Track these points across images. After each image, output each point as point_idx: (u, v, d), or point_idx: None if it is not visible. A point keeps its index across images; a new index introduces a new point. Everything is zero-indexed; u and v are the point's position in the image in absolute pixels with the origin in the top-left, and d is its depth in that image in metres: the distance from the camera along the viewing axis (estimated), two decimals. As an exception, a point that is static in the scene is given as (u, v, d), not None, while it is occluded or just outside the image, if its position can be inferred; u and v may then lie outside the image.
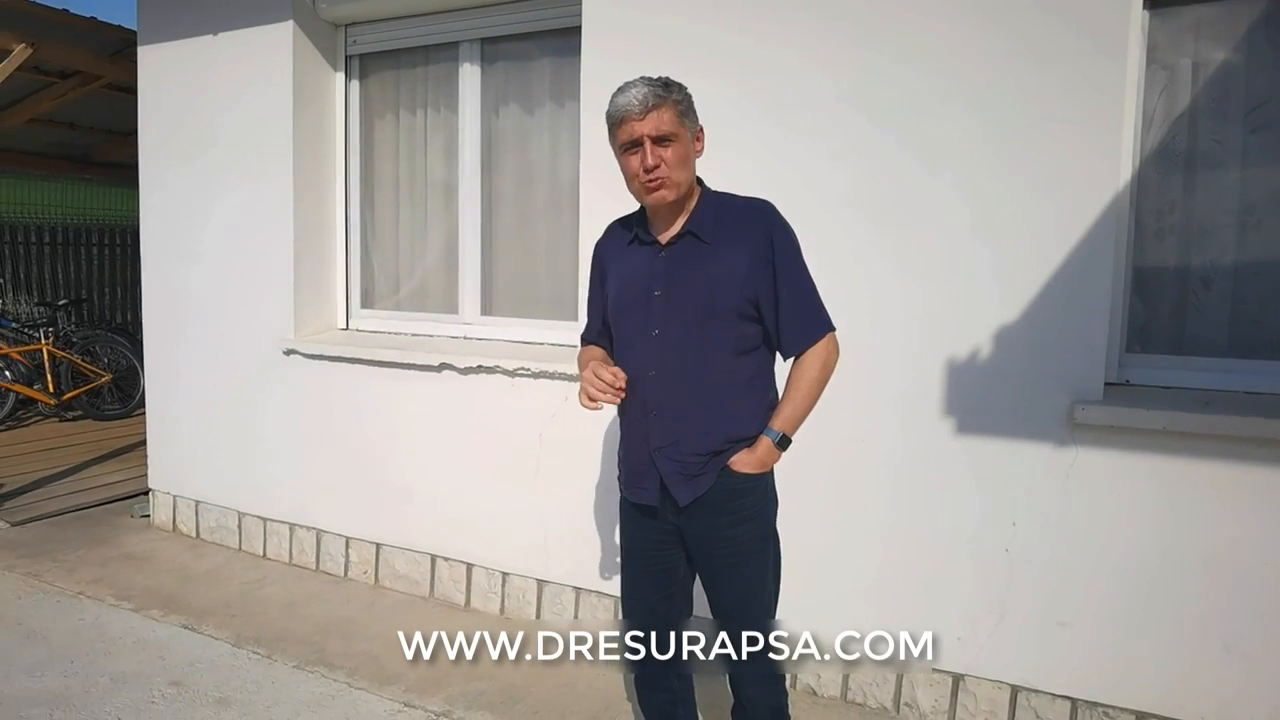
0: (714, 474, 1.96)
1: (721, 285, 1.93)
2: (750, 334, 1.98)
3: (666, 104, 1.90)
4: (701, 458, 1.96)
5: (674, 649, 2.15)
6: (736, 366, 1.97)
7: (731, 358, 1.96)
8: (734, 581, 2.02)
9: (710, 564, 2.04)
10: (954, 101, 2.66)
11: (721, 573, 2.03)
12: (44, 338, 7.16)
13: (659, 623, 2.14)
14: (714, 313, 1.93)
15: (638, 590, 2.16)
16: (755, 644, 2.03)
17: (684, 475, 1.98)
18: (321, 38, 4.09)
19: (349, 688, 3.04)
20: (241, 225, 4.23)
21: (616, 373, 1.94)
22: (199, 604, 3.73)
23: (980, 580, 2.71)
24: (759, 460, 1.96)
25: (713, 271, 1.94)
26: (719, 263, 1.94)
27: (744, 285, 1.93)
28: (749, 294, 1.94)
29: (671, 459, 1.98)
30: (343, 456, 4.02)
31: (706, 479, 1.96)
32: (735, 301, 1.93)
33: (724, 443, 1.96)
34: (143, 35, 4.44)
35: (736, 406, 1.97)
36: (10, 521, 4.74)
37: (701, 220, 1.98)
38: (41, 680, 3.00)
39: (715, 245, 1.95)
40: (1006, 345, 2.63)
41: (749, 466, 1.95)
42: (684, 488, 1.98)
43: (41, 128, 6.99)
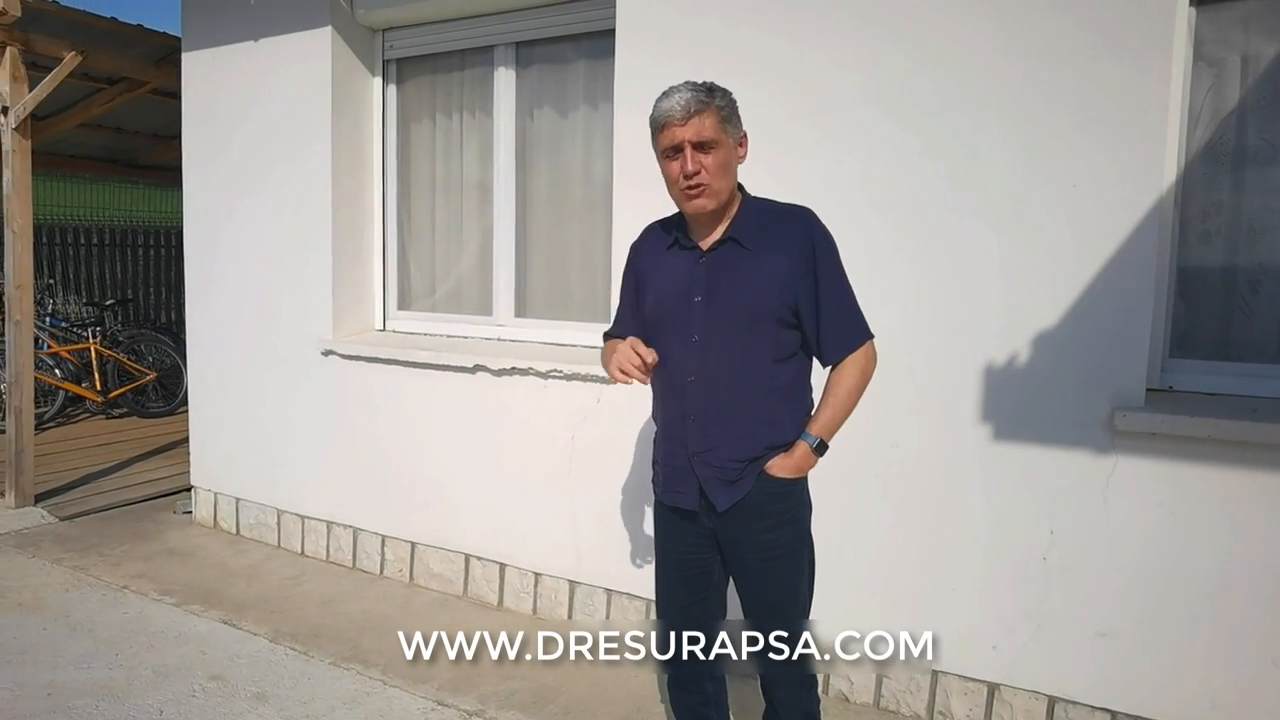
0: (752, 479, 1.96)
1: (763, 292, 1.93)
2: (789, 340, 1.97)
3: (709, 110, 1.89)
4: (740, 464, 1.97)
5: (707, 651, 2.15)
6: (776, 373, 1.97)
7: (771, 364, 1.96)
8: (769, 585, 2.03)
9: (746, 567, 2.03)
10: (989, 103, 2.62)
11: (756, 576, 2.03)
12: (92, 337, 7.34)
13: (692, 625, 2.14)
14: (755, 319, 1.93)
15: (672, 593, 2.17)
16: (788, 647, 2.02)
17: (722, 480, 1.98)
18: (359, 43, 4.15)
19: (384, 685, 3.08)
20: (281, 227, 4.30)
21: (652, 356, 1.92)
22: (238, 599, 3.80)
23: (1017, 588, 2.67)
24: (795, 465, 1.96)
25: (754, 278, 1.94)
26: (760, 269, 1.94)
27: (784, 292, 1.92)
28: (789, 300, 1.93)
29: (710, 464, 1.98)
30: (379, 456, 4.07)
31: (745, 484, 1.97)
32: (776, 308, 1.93)
33: (763, 449, 1.97)
34: (186, 42, 4.54)
35: (775, 413, 1.98)
36: (59, 516, 4.87)
37: (743, 226, 1.98)
38: (89, 671, 3.08)
39: (757, 252, 1.95)
40: (1045, 351, 2.59)
41: (786, 471, 1.95)
42: (722, 493, 1.98)
43: (91, 132, 7.18)
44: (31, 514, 4.90)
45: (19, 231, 4.84)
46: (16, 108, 4.70)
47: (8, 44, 4.61)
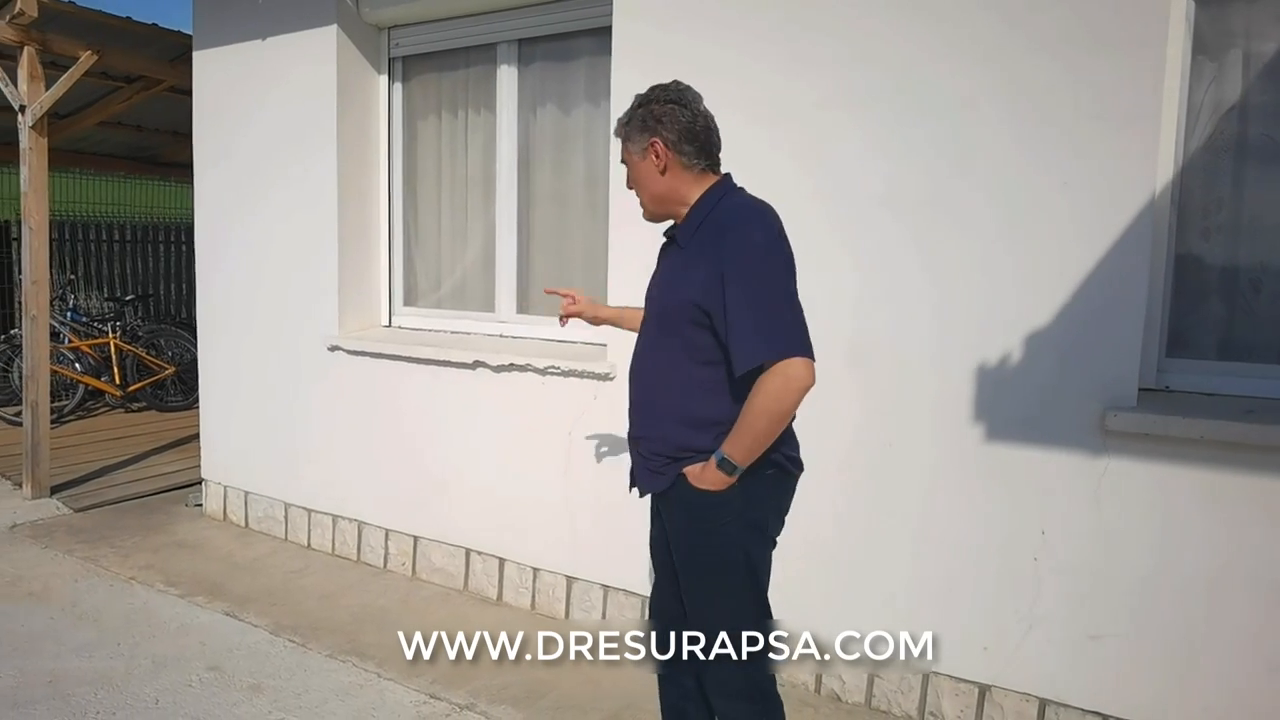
0: (671, 477, 1.99)
1: (678, 293, 1.96)
2: (708, 345, 1.91)
3: (621, 132, 2.05)
4: (659, 458, 2.02)
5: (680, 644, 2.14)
6: (696, 375, 1.94)
7: (690, 365, 1.95)
8: (694, 591, 2.04)
9: (678, 566, 2.07)
10: (985, 96, 2.60)
11: (684, 578, 2.05)
12: (111, 332, 7.46)
13: (665, 619, 2.16)
14: (667, 318, 1.99)
15: (654, 586, 2.24)
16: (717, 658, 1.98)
17: (647, 470, 2.07)
18: (365, 41, 4.18)
19: (378, 677, 3.11)
20: (289, 224, 4.35)
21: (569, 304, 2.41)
22: (242, 592, 3.85)
23: (1007, 589, 2.64)
24: (702, 478, 1.90)
25: (675, 278, 2.00)
26: (684, 270, 1.96)
27: (699, 296, 1.88)
28: (702, 305, 1.88)
29: (639, 451, 2.09)
30: (383, 451, 4.11)
31: (665, 479, 2.00)
32: (686, 309, 1.91)
33: (679, 450, 1.97)
34: (197, 40, 4.60)
35: (692, 415, 1.95)
36: (74, 508, 4.97)
37: (685, 227, 2.02)
38: (90, 660, 3.13)
39: (688, 252, 1.98)
40: (1037, 349, 2.56)
41: (695, 481, 1.92)
42: (645, 480, 2.08)
43: (111, 130, 7.29)
44: (47, 505, 4.99)
45: (35, 227, 4.92)
46: (33, 106, 4.79)
47: (25, 44, 4.69)
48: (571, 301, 2.43)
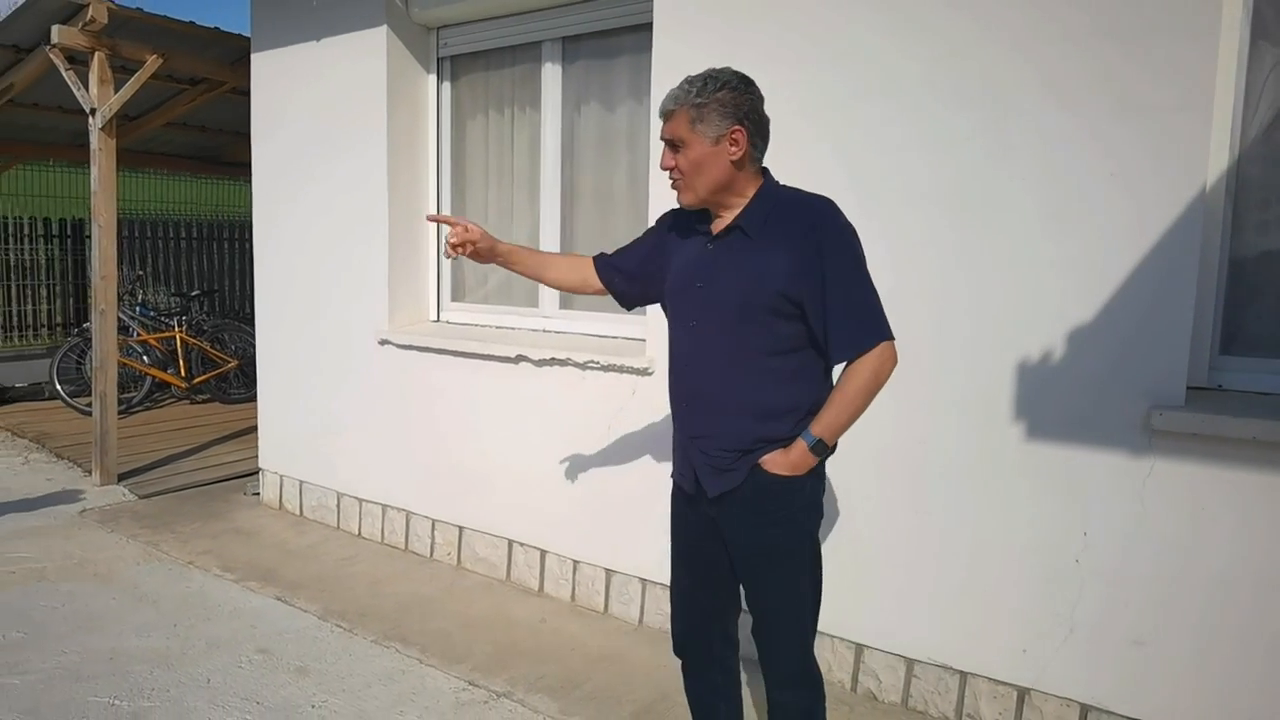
0: (744, 471, 1.93)
1: (759, 282, 1.88)
2: (791, 333, 1.91)
3: (681, 110, 1.91)
4: (730, 454, 1.95)
5: (711, 641, 2.15)
6: (773, 366, 1.92)
7: (767, 357, 1.92)
8: (765, 583, 2.00)
9: (743, 563, 2.02)
10: (1028, 85, 2.54)
11: (753, 572, 2.01)
12: (178, 326, 7.74)
13: (697, 613, 2.15)
14: (749, 310, 1.90)
15: (680, 579, 2.17)
16: (785, 647, 2.01)
17: (713, 468, 1.97)
18: (414, 41, 4.26)
19: (420, 664, 3.18)
20: (341, 222, 4.46)
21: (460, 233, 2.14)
22: (294, 578, 3.97)
23: (1048, 591, 2.59)
24: (791, 463, 1.91)
25: (751, 267, 1.90)
26: (761, 260, 1.90)
27: (784, 284, 1.87)
28: (789, 294, 1.87)
29: (703, 450, 1.98)
30: (430, 442, 4.19)
31: (736, 475, 1.94)
32: (772, 300, 1.88)
33: (754, 442, 1.93)
34: (255, 42, 4.75)
35: (769, 406, 1.93)
36: (139, 494, 5.17)
37: (752, 216, 1.94)
38: (148, 640, 3.27)
39: (761, 242, 1.91)
40: (1081, 345, 2.50)
41: (780, 468, 1.91)
42: (713, 480, 1.97)
43: (177, 131, 7.57)
44: (114, 491, 5.21)
45: (104, 225, 5.14)
46: (103, 109, 4.99)
47: (96, 49, 4.90)
48: (463, 230, 2.16)
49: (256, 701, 2.87)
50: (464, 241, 2.14)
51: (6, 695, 2.84)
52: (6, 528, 4.48)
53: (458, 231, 2.16)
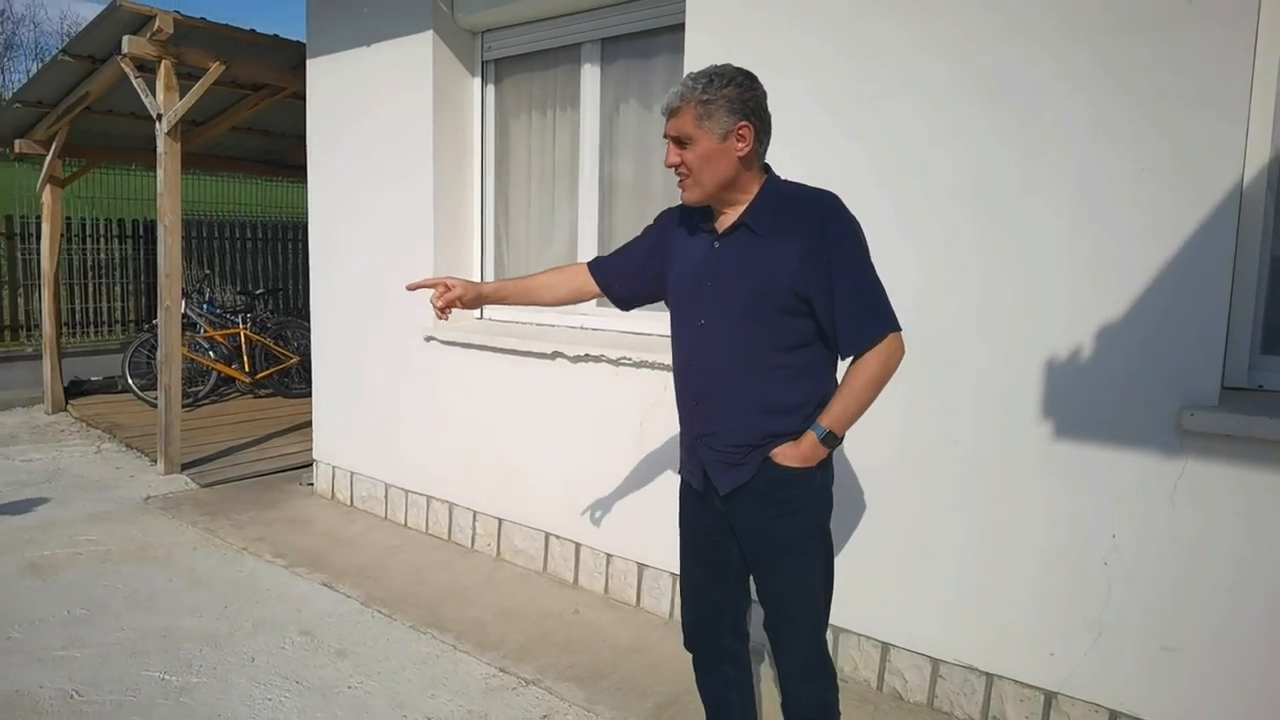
0: (754, 466, 1.95)
1: (768, 279, 1.90)
2: (800, 329, 1.93)
3: (688, 106, 1.90)
4: (739, 449, 1.96)
5: (723, 635, 2.18)
6: (783, 361, 1.94)
7: (777, 352, 1.93)
8: (777, 574, 2.02)
9: (755, 555, 2.04)
10: (1057, 80, 2.50)
11: (766, 565, 2.03)
12: (242, 323, 8.04)
13: (707, 606, 2.17)
14: (759, 307, 1.91)
15: (690, 574, 2.20)
16: (797, 638, 2.02)
17: (723, 464, 1.99)
18: (460, 45, 4.37)
19: (454, 650, 3.27)
20: (390, 220, 4.60)
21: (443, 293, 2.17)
22: (340, 565, 4.11)
23: (1075, 593, 2.55)
24: (802, 455, 1.92)
25: (762, 264, 1.91)
26: (769, 256, 1.91)
27: (793, 281, 1.88)
28: (799, 289, 1.89)
29: (712, 447, 2.00)
30: (472, 436, 4.30)
31: (746, 470, 1.96)
32: (782, 297, 1.89)
33: (763, 437, 1.95)
34: (310, 48, 4.92)
35: (781, 401, 1.94)
36: (200, 483, 5.41)
37: (758, 212, 1.95)
38: (199, 620, 3.43)
39: (768, 238, 1.92)
40: (1109, 344, 2.45)
41: (791, 460, 1.93)
42: (723, 476, 1.99)
43: (242, 135, 7.87)
44: (177, 480, 5.46)
45: (169, 226, 5.38)
46: (168, 114, 5.23)
47: (162, 58, 5.14)
48: (445, 290, 2.19)
49: (296, 681, 2.99)
50: (448, 302, 2.19)
51: (69, 666, 3.01)
52: (77, 512, 4.73)
53: (439, 292, 2.19)
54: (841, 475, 2.94)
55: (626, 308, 2.31)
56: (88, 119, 6.85)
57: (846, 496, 2.98)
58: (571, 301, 2.34)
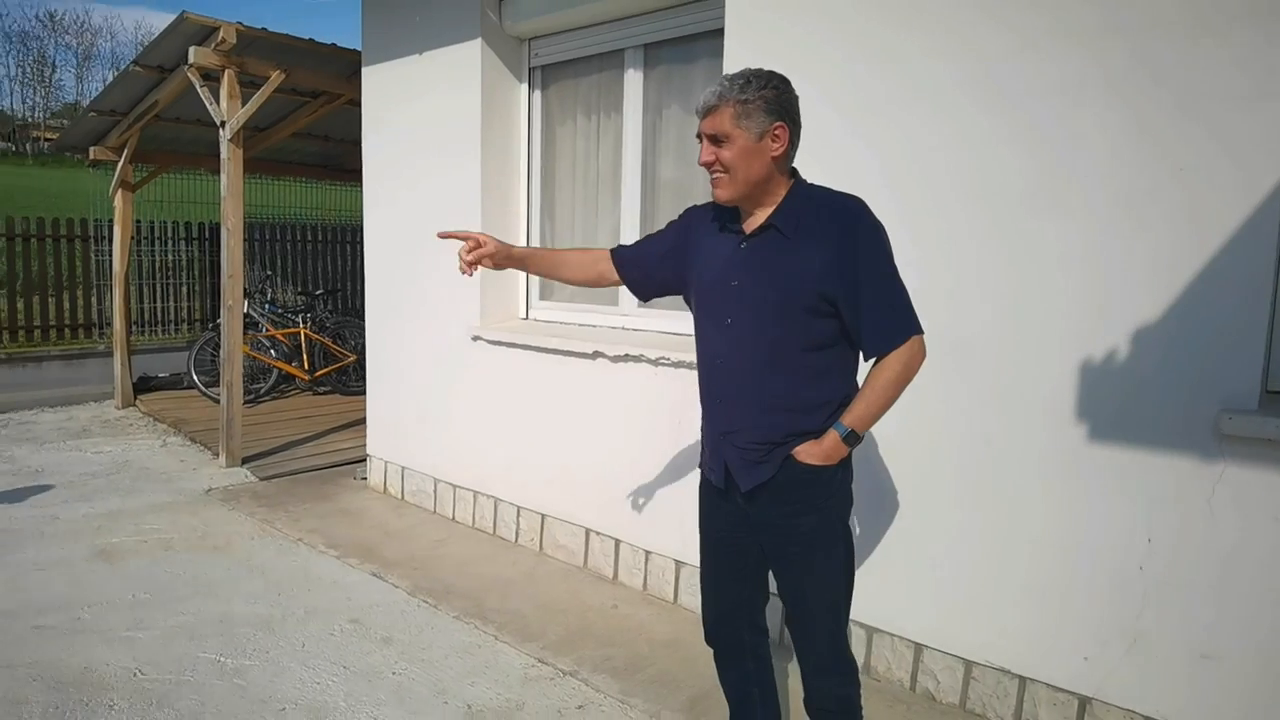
0: (775, 463, 1.99)
1: (795, 280, 1.93)
2: (825, 330, 1.96)
3: (725, 105, 1.92)
4: (762, 447, 2.00)
5: (742, 629, 2.22)
6: (807, 361, 1.97)
7: (802, 353, 1.96)
8: (798, 571, 2.05)
9: (775, 552, 2.08)
10: (1091, 80, 2.48)
11: (786, 561, 2.07)
12: (302, 322, 8.31)
13: (727, 603, 2.21)
14: (785, 307, 1.94)
15: (710, 570, 2.24)
16: (818, 634, 2.05)
17: (745, 462, 2.03)
18: (507, 52, 4.48)
19: (495, 640, 3.36)
20: (439, 223, 4.72)
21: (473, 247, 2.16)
22: (390, 556, 4.25)
23: (1110, 598, 2.52)
24: (824, 453, 1.96)
25: (788, 266, 1.95)
26: (795, 258, 1.95)
27: (819, 283, 1.91)
28: (824, 292, 1.92)
29: (735, 445, 2.04)
30: (517, 433, 4.40)
31: (768, 467, 2.00)
32: (808, 298, 1.93)
33: (785, 436, 1.98)
34: (365, 57, 5.08)
35: (802, 400, 1.98)
36: (259, 476, 5.62)
37: (786, 214, 1.98)
38: (254, 606, 3.59)
39: (795, 240, 1.96)
40: (1145, 345, 2.43)
41: (813, 458, 1.96)
42: (745, 474, 2.03)
43: (302, 140, 8.12)
44: (238, 473, 5.68)
45: (232, 229, 5.61)
46: (231, 121, 5.45)
47: (226, 67, 5.35)
48: (475, 245, 2.18)
49: (343, 666, 3.11)
50: (478, 257, 2.18)
51: (131, 647, 3.19)
52: (143, 502, 4.97)
53: (469, 246, 2.18)
54: (874, 474, 2.97)
55: (644, 298, 2.36)
56: (157, 126, 7.16)
57: (879, 495, 2.99)
58: (591, 285, 2.38)
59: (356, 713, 2.81)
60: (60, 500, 4.95)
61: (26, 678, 2.94)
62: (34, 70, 45.21)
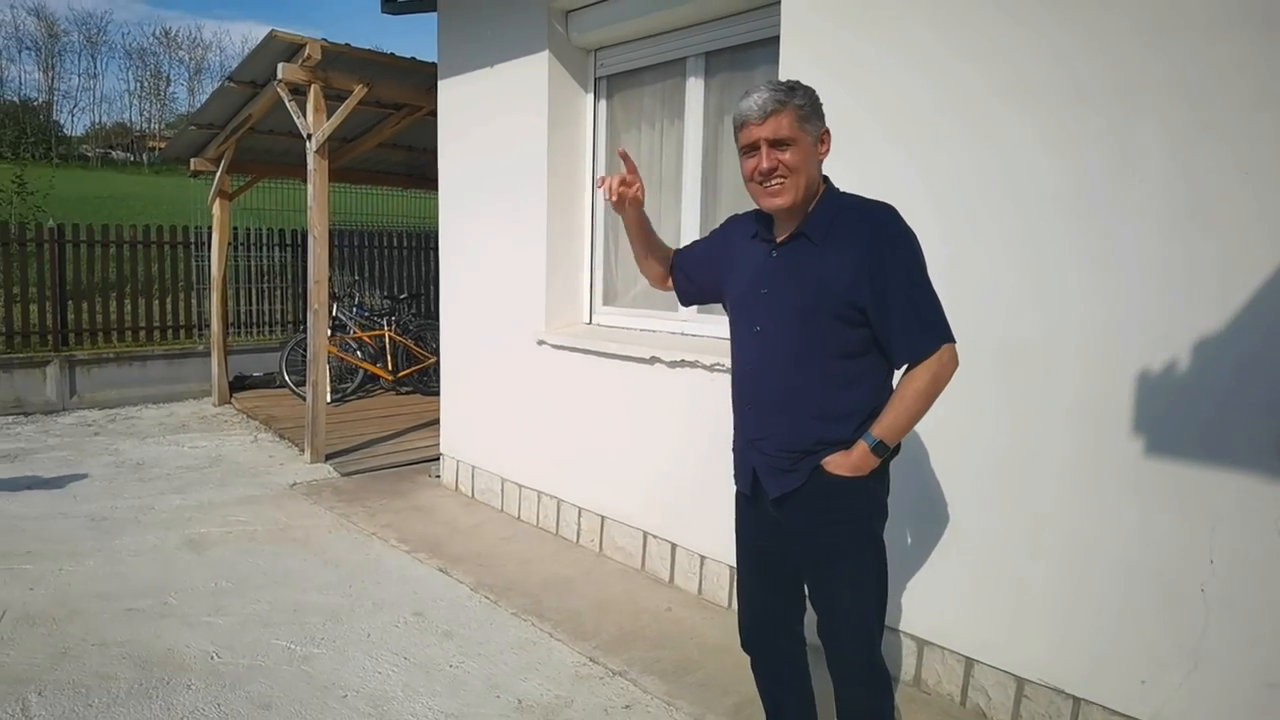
0: (805, 472, 1.99)
1: (824, 288, 1.93)
2: (854, 339, 1.96)
3: (787, 108, 1.91)
4: (791, 455, 2.00)
5: (777, 638, 2.23)
6: (836, 369, 1.97)
7: (831, 360, 1.96)
8: (828, 581, 2.05)
9: (807, 562, 2.08)
10: (1155, 81, 2.40)
11: (816, 571, 2.07)
12: (387, 325, 8.62)
13: (761, 611, 2.23)
14: (814, 315, 1.95)
15: (745, 578, 2.26)
16: (849, 644, 2.05)
17: (774, 469, 2.04)
18: (573, 63, 4.58)
19: (550, 638, 3.45)
20: (507, 232, 4.87)
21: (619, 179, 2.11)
22: (456, 552, 4.39)
23: (1169, 620, 2.43)
24: (853, 464, 1.95)
25: (817, 274, 1.95)
26: (825, 266, 1.95)
27: (848, 291, 1.91)
28: (854, 300, 1.92)
29: (763, 452, 2.05)
30: (578, 435, 4.49)
31: (797, 476, 2.00)
32: (837, 306, 1.93)
33: (815, 444, 1.98)
34: (440, 71, 5.27)
35: (834, 409, 1.98)
36: (341, 472, 5.87)
37: (816, 222, 1.99)
38: (326, 597, 3.77)
39: (824, 248, 1.96)
40: (1209, 357, 2.33)
41: (842, 469, 1.96)
42: (773, 481, 2.04)
43: (387, 151, 8.44)
44: (321, 469, 5.95)
45: (318, 236, 5.88)
46: (317, 133, 5.72)
47: (312, 82, 5.63)
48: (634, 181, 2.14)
49: (405, 657, 3.25)
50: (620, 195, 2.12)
51: (211, 631, 3.40)
52: (232, 495, 5.26)
53: (625, 178, 2.13)
54: (923, 484, 2.94)
55: (684, 303, 2.39)
56: (251, 138, 7.56)
57: (928, 505, 2.95)
58: (659, 283, 2.37)
59: (412, 702, 2.93)
60: (157, 492, 5.29)
61: (117, 656, 3.17)
62: (150, 84, 48.12)
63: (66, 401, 7.92)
